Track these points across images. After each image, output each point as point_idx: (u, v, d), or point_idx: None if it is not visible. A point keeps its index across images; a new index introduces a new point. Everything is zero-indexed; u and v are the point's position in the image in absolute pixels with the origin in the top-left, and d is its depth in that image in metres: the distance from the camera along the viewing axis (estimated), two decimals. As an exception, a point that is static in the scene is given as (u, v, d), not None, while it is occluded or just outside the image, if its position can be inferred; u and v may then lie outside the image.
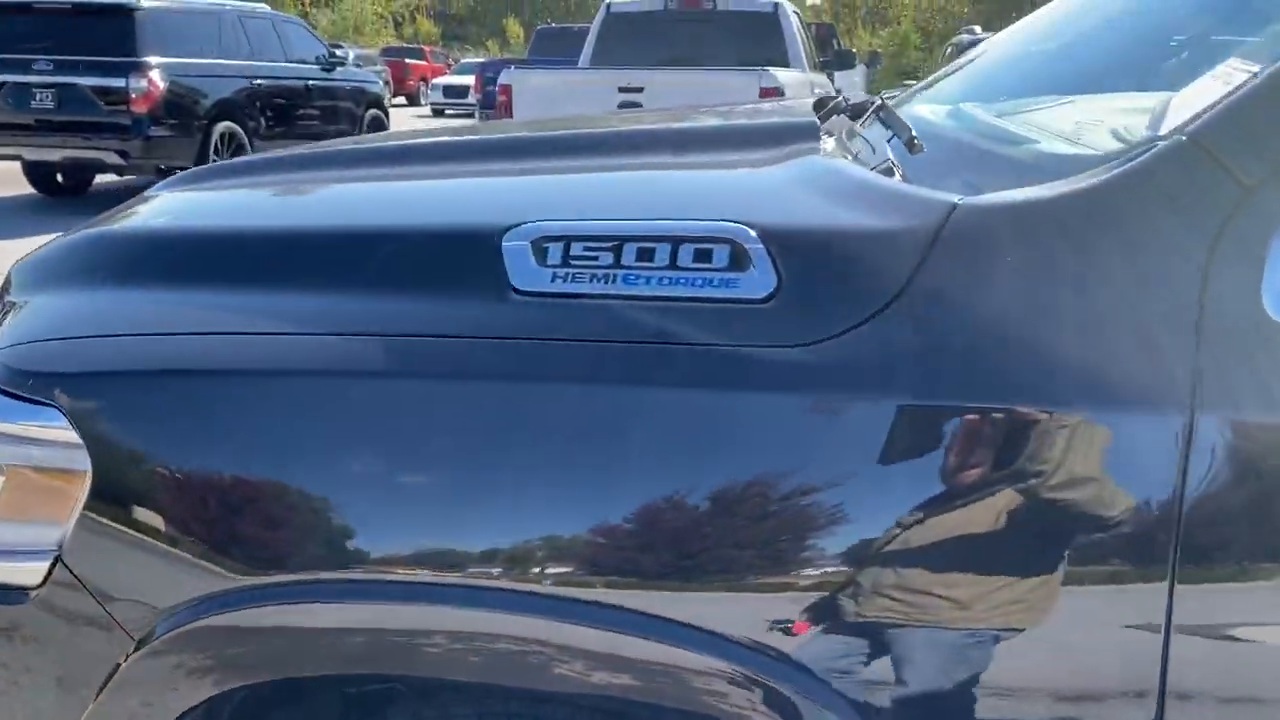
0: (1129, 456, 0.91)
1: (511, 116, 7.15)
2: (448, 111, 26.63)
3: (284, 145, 11.00)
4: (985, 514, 0.92)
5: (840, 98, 1.84)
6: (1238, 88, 0.94)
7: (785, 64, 8.07)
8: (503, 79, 7.28)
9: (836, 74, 10.65)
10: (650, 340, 1.02)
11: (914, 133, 1.32)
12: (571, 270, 1.08)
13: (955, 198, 1.00)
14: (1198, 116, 0.95)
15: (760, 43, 8.34)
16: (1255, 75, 0.94)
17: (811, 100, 2.04)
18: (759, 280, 1.01)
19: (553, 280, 1.08)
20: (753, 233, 1.04)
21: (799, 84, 7.60)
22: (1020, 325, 0.94)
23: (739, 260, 1.03)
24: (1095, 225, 0.94)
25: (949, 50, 9.70)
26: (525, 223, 1.13)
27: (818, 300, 1.00)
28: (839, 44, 13.81)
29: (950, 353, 0.94)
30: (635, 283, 1.05)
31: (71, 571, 1.13)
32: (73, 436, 1.11)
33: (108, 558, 1.12)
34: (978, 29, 9.35)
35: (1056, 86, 1.83)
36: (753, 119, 1.65)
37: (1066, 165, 1.12)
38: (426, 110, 27.81)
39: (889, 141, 1.39)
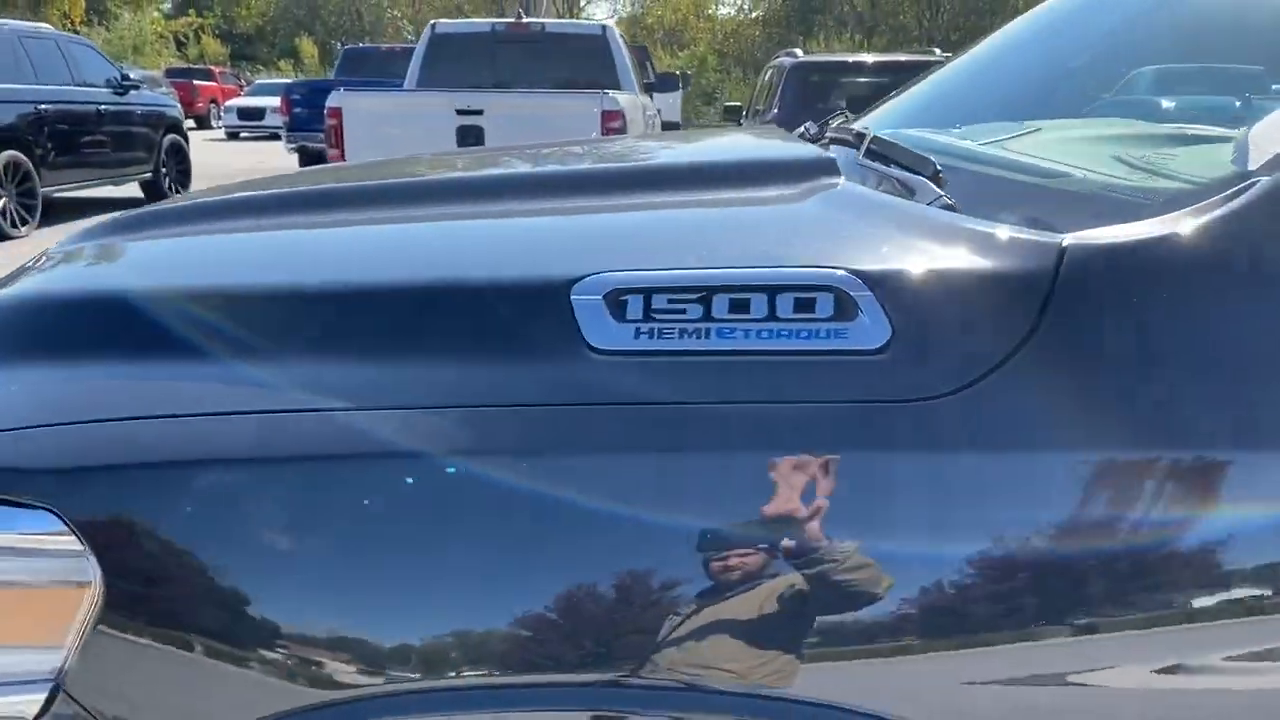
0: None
1: (342, 140, 6.86)
2: (243, 135, 25.47)
3: (76, 175, 10.24)
4: (1138, 562, 0.89)
5: (804, 127, 1.81)
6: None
7: (616, 86, 8.09)
8: (332, 101, 6.97)
9: (654, 95, 10.80)
10: (757, 400, 0.95)
11: (938, 165, 1.30)
12: (656, 325, 0.99)
13: (1060, 238, 0.98)
14: (1295, 152, 0.96)
15: (590, 65, 8.34)
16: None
17: (780, 130, 2.02)
18: (871, 330, 0.96)
19: (636, 337, 0.99)
20: (857, 279, 0.98)
21: (634, 107, 7.64)
22: (1153, 367, 0.92)
23: (845, 309, 0.97)
24: (1220, 262, 0.93)
25: (769, 74, 9.97)
26: (592, 274, 1.03)
27: (939, 350, 0.95)
28: (653, 66, 14.02)
29: (1088, 400, 0.91)
30: (732, 336, 0.97)
31: (78, 703, 0.95)
32: (73, 543, 0.94)
33: (127, 683, 0.95)
34: (799, 51, 9.67)
35: (988, 114, 1.87)
36: (749, 152, 1.59)
37: (1130, 198, 1.12)
38: (220, 134, 26.50)
39: (896, 172, 1.36)
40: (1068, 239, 0.97)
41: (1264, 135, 1.02)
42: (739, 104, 10.74)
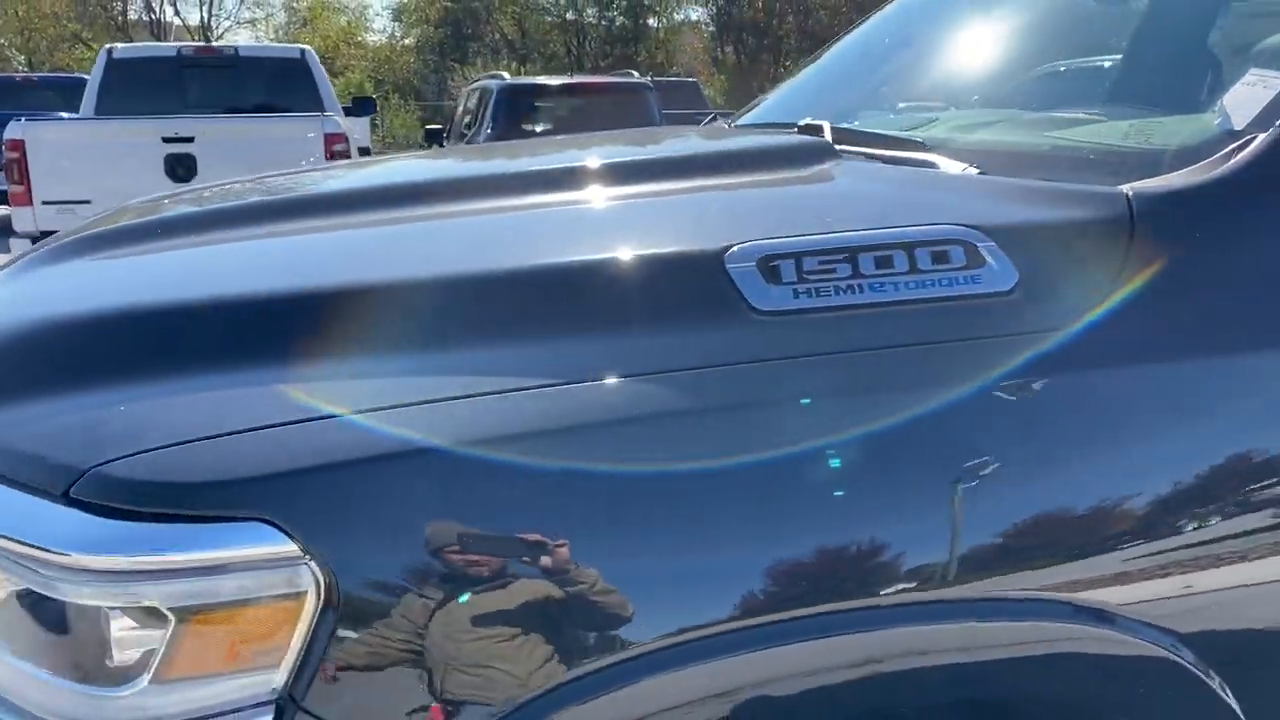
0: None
1: (27, 175, 6.18)
2: None
3: None
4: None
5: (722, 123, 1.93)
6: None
7: (321, 109, 7.85)
8: (13, 132, 6.24)
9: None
10: (921, 341, 1.06)
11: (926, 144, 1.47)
12: (812, 285, 1.07)
13: (1120, 188, 1.16)
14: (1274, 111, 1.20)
15: (290, 89, 8.04)
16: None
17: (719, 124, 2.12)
18: (1000, 274, 1.09)
19: (795, 297, 1.07)
20: (978, 232, 1.11)
21: (348, 129, 7.46)
22: (1220, 282, 1.12)
23: (974, 258, 1.10)
24: (1250, 197, 1.15)
25: (473, 96, 10.02)
26: (737, 244, 1.10)
27: (1058, 288, 1.10)
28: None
29: (1185, 318, 1.10)
30: (884, 289, 1.08)
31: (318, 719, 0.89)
32: (289, 550, 0.88)
33: (357, 693, 0.91)
34: (505, 74, 9.89)
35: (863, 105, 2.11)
36: (739, 142, 1.69)
37: (1128, 160, 1.34)
38: None
39: (883, 152, 1.53)
40: (1127, 189, 1.16)
41: (1237, 103, 1.26)
42: (439, 127, 10.73)
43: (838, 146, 1.60)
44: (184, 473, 0.90)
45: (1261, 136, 1.18)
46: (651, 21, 41.79)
